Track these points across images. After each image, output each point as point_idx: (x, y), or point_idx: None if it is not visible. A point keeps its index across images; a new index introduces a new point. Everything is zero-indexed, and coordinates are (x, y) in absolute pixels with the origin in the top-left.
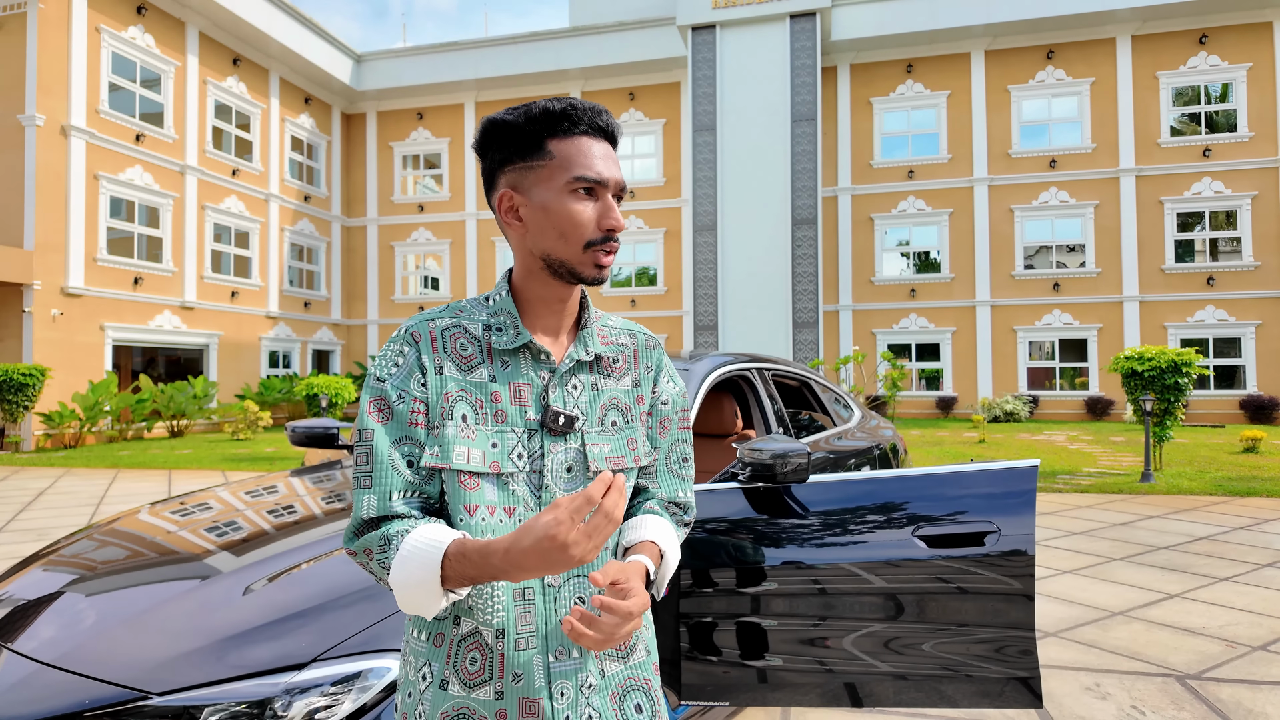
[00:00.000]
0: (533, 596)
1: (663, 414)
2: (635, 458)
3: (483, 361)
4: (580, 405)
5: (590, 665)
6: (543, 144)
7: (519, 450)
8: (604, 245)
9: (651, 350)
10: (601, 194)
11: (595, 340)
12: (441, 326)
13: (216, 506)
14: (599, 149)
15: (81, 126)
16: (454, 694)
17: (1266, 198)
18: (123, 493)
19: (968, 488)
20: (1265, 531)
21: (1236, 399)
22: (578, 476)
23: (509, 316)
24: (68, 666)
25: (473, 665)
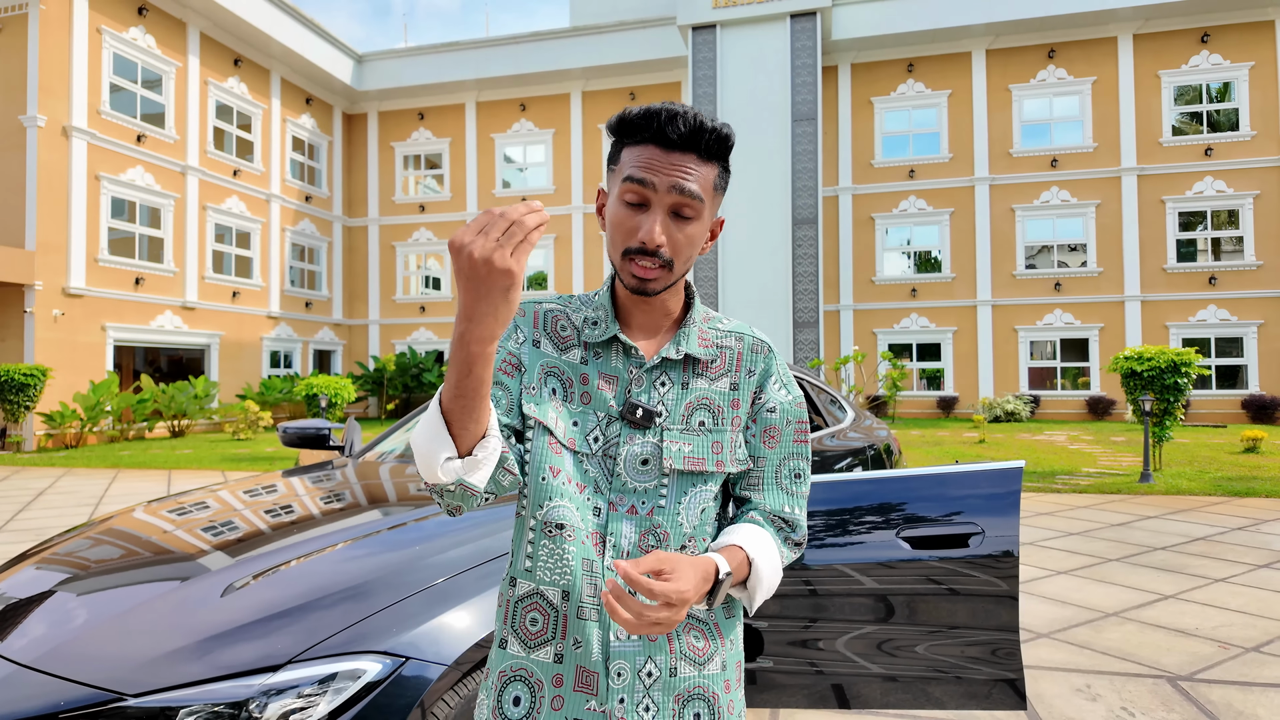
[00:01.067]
0: (599, 571)
1: (768, 422)
2: (718, 462)
3: (578, 346)
4: (666, 402)
5: (657, 656)
6: (620, 149)
7: (596, 433)
8: (638, 257)
9: (756, 354)
10: (653, 204)
11: (692, 340)
12: (545, 310)
13: (213, 505)
14: (660, 158)
15: (83, 127)
16: (513, 654)
17: (1269, 197)
18: (123, 492)
19: (952, 489)
20: (1263, 532)
21: (1238, 399)
22: (653, 471)
23: (604, 312)
24: (44, 668)
25: (533, 625)
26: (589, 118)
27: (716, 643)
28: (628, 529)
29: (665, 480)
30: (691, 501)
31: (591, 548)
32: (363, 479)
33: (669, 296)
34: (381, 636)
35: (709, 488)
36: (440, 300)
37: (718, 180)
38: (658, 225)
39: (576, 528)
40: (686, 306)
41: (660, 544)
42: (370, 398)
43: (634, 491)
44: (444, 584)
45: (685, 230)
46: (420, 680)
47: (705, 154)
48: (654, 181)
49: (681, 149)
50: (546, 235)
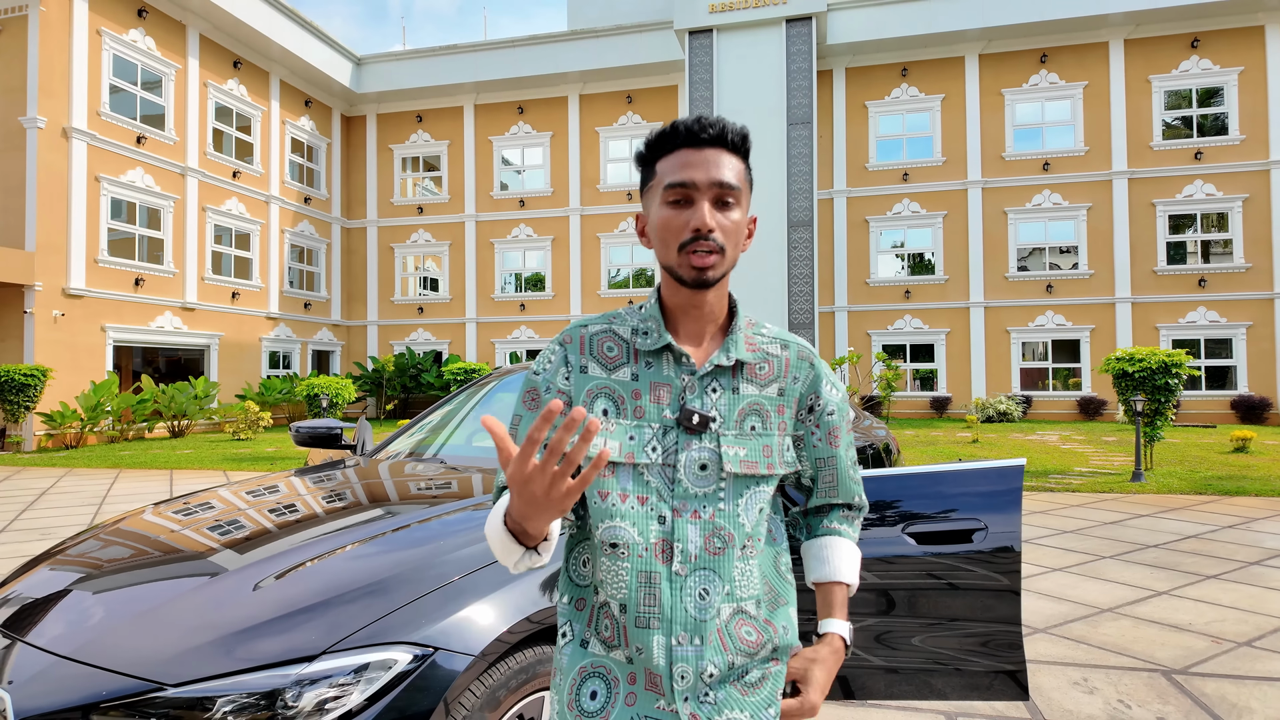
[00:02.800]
0: (659, 581)
1: (831, 424)
2: (769, 465)
3: (627, 362)
4: (719, 408)
5: (716, 657)
6: (653, 165)
7: (654, 444)
8: (694, 245)
9: (803, 361)
10: (696, 198)
11: (740, 347)
12: (592, 332)
13: (219, 506)
14: (695, 157)
15: (83, 129)
16: (594, 652)
17: (1258, 200)
18: (125, 492)
19: (956, 486)
20: (1253, 530)
21: (1228, 399)
22: (711, 475)
23: (654, 322)
24: (84, 659)
25: (606, 632)
26: (586, 121)
27: (769, 632)
28: (693, 533)
29: (723, 484)
30: (749, 502)
31: (653, 558)
32: (378, 478)
33: (717, 301)
34: (410, 628)
35: (764, 489)
36: (438, 301)
37: (746, 174)
38: (706, 211)
39: (632, 543)
40: (730, 315)
41: (725, 545)
42: (369, 398)
43: (695, 496)
44: (462, 580)
45: (729, 217)
46: (449, 670)
47: (732, 149)
48: (694, 177)
49: (712, 145)
50: (543, 237)
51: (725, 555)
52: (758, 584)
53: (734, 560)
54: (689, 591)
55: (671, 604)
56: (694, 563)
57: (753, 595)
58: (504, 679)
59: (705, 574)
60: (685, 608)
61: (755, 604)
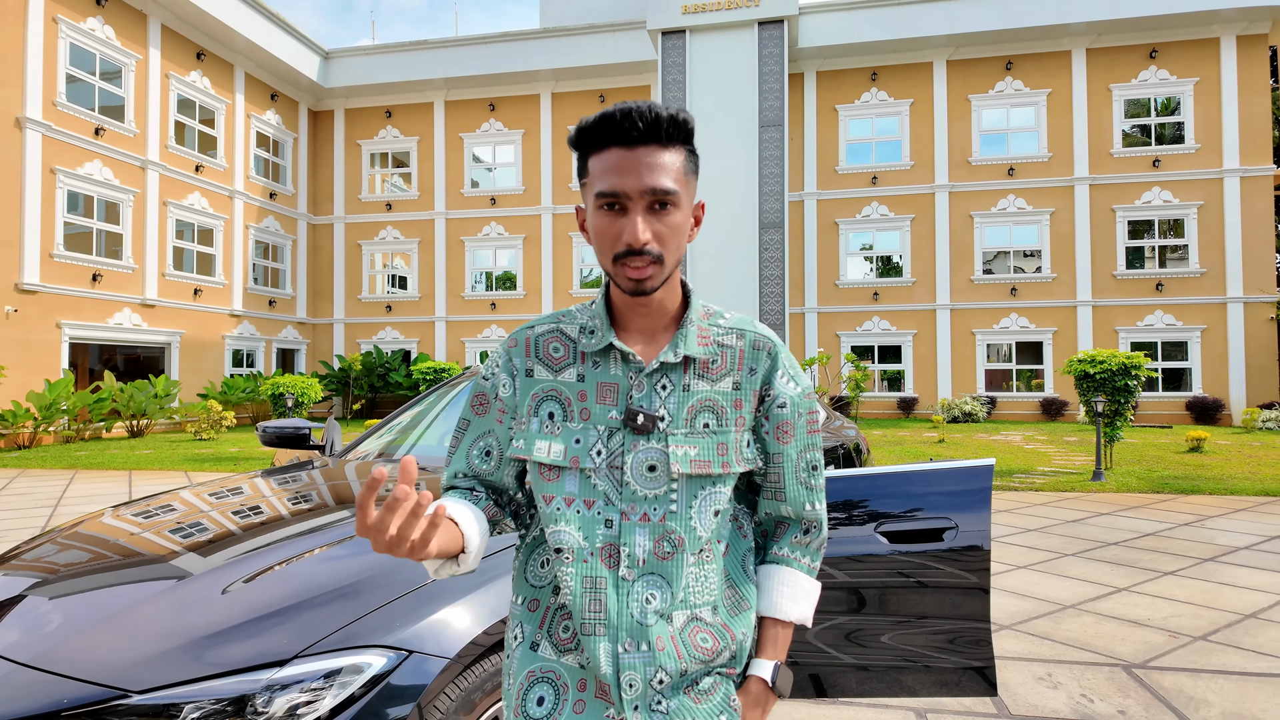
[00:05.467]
0: (605, 586)
1: (781, 418)
2: (724, 463)
3: (574, 362)
4: (668, 406)
5: (668, 664)
6: (586, 160)
7: (599, 447)
8: (627, 259)
9: (759, 351)
10: (630, 207)
11: (691, 341)
12: (538, 333)
13: (183, 508)
14: (627, 160)
15: (37, 119)
16: (544, 656)
17: (1211, 207)
18: (82, 494)
19: (927, 486)
20: (1207, 528)
21: (1183, 400)
22: (661, 477)
23: (600, 320)
24: (44, 666)
25: (565, 633)
26: (559, 119)
27: (726, 639)
28: (641, 538)
29: (674, 485)
30: (703, 505)
31: (599, 563)
32: (347, 479)
33: (666, 296)
34: (384, 631)
35: (720, 489)
36: (406, 300)
37: (687, 164)
38: (639, 225)
39: (577, 548)
40: (684, 305)
41: (675, 550)
42: (335, 397)
43: (644, 499)
44: (435, 582)
45: (667, 221)
46: (423, 673)
47: (668, 141)
48: (625, 186)
49: (644, 142)
50: (515, 236)
51: (675, 560)
52: (716, 589)
53: (686, 565)
54: (635, 597)
55: (617, 610)
56: (641, 568)
57: (709, 601)
58: (479, 682)
59: (653, 579)
60: (631, 613)
61: (712, 610)
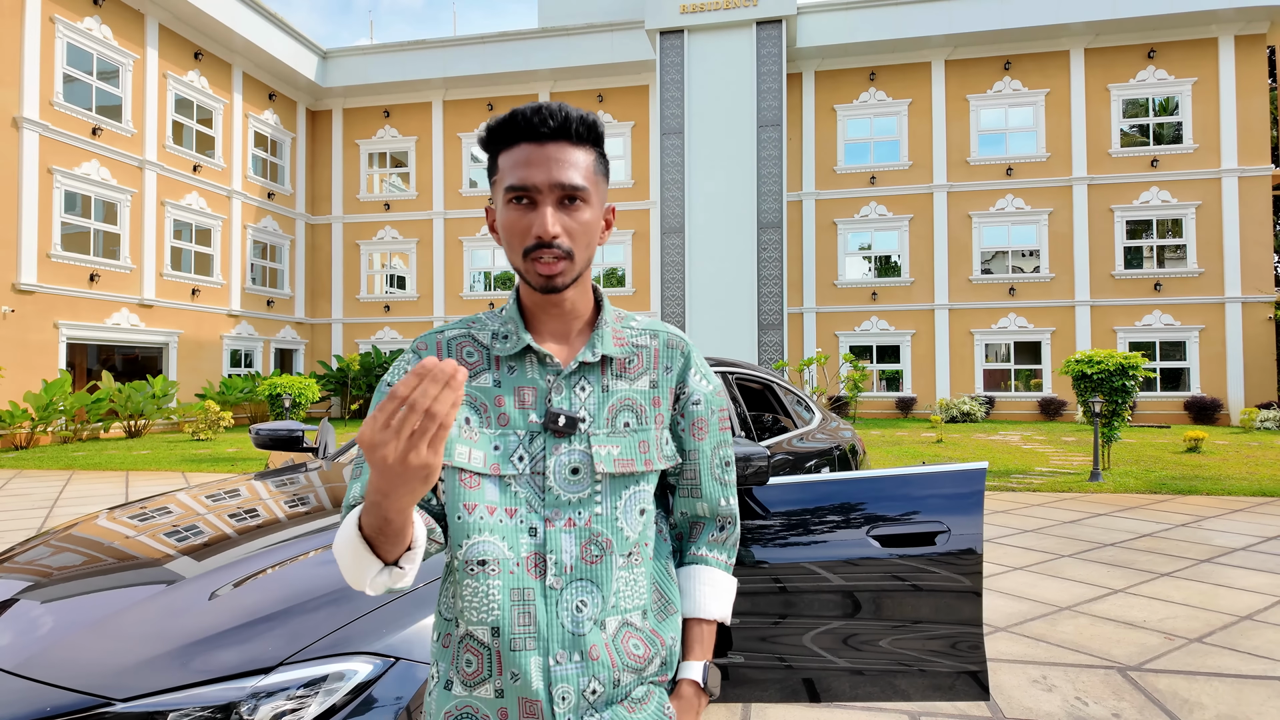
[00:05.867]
0: (533, 597)
1: (695, 414)
2: (647, 461)
3: (488, 368)
4: (587, 407)
5: (601, 673)
6: (496, 158)
7: (520, 452)
8: (537, 253)
9: (673, 350)
10: (539, 201)
11: (607, 341)
12: (449, 337)
13: (177, 511)
14: (536, 154)
15: (34, 119)
16: (456, 694)
17: (1210, 207)
18: (78, 494)
19: (919, 489)
20: (1204, 529)
21: (1181, 400)
22: (585, 478)
23: (514, 324)
24: (27, 674)
25: (469, 666)
26: None
27: (656, 645)
28: (567, 543)
29: (598, 486)
30: (628, 504)
31: (525, 574)
32: (341, 482)
33: (578, 297)
34: (371, 638)
35: (643, 488)
36: (405, 299)
37: (597, 165)
38: (548, 217)
39: (502, 559)
40: (597, 309)
41: (603, 552)
42: (333, 398)
43: (568, 503)
44: (426, 588)
45: (577, 218)
46: (411, 681)
47: (578, 140)
48: (535, 179)
49: (554, 139)
50: None
51: (604, 563)
52: (645, 592)
53: (615, 569)
54: (565, 605)
55: (547, 621)
56: (569, 574)
57: (639, 605)
58: None
59: (582, 585)
60: (561, 623)
61: (642, 615)
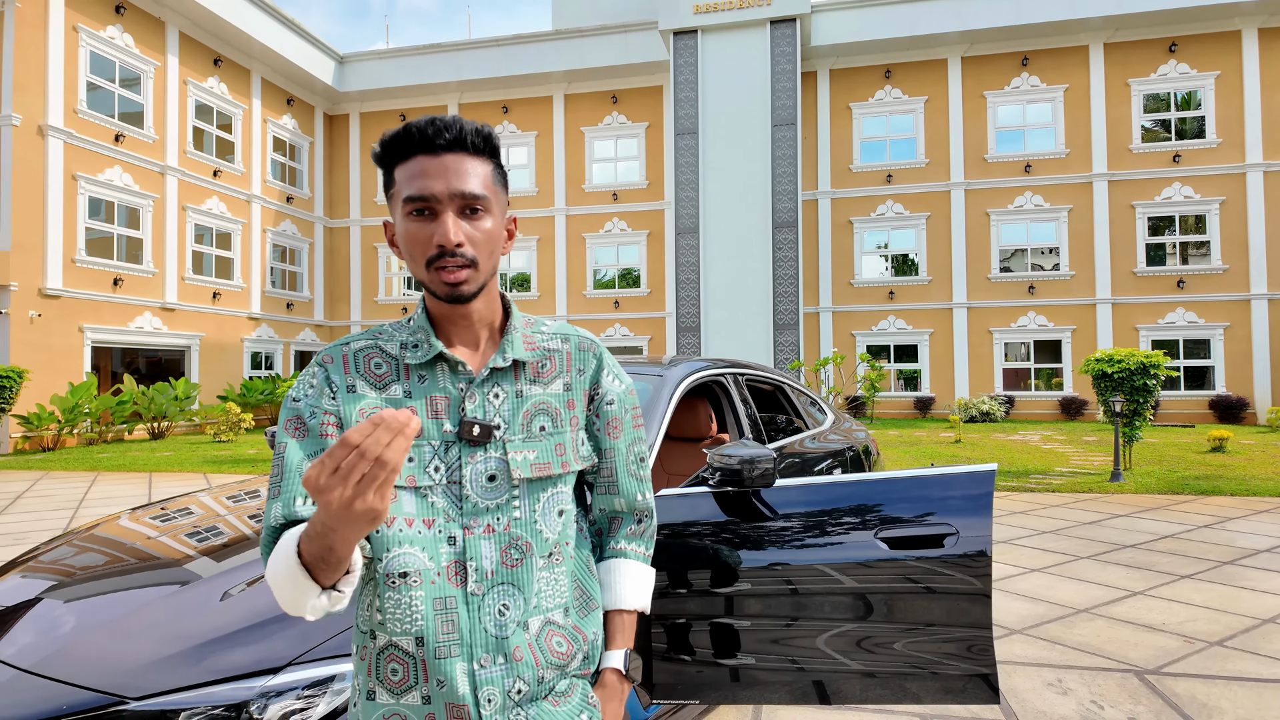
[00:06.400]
0: (455, 605)
1: (609, 414)
2: (564, 463)
3: (397, 379)
4: (502, 413)
5: (525, 672)
6: (392, 172)
7: (435, 463)
8: (441, 261)
9: (585, 352)
10: (439, 210)
11: (518, 347)
12: (355, 349)
13: (198, 512)
14: (432, 165)
15: (59, 126)
16: (382, 702)
17: (1234, 202)
18: (103, 495)
19: (928, 491)
20: (1227, 530)
21: (1206, 399)
22: (502, 485)
23: (424, 333)
24: (44, 672)
25: (395, 675)
26: (572, 121)
27: (579, 641)
28: (487, 549)
29: (515, 491)
30: (547, 507)
31: (446, 583)
32: None
33: (485, 306)
34: None
35: (561, 489)
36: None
37: (495, 175)
38: (449, 225)
39: (423, 569)
40: (505, 316)
41: (523, 555)
42: None
43: (486, 510)
44: None
45: (479, 227)
46: None
47: (474, 151)
48: (433, 189)
49: (450, 150)
50: (529, 237)
51: (525, 566)
52: (567, 590)
53: (536, 570)
54: (487, 610)
55: (470, 627)
56: (490, 579)
57: (560, 604)
58: None
59: (504, 589)
60: (485, 628)
61: (564, 612)
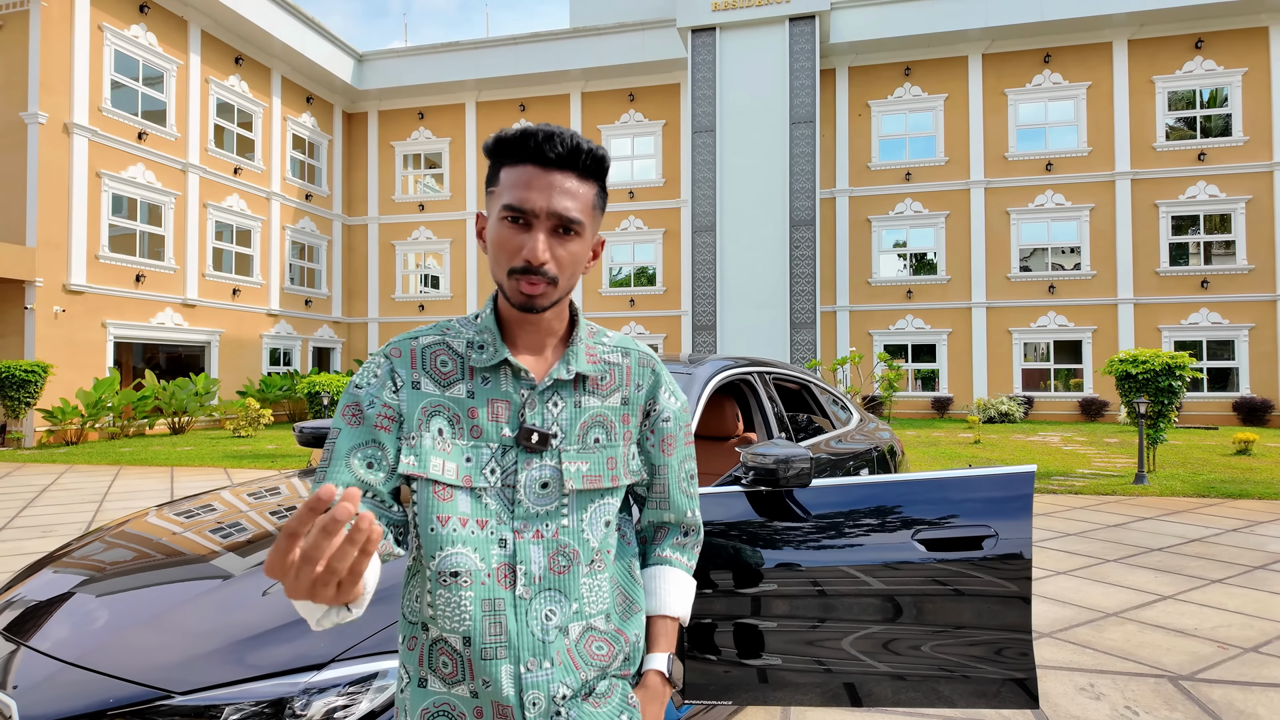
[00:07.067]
0: (503, 608)
1: (665, 431)
2: (614, 477)
3: (462, 378)
4: (560, 422)
5: (568, 677)
6: (498, 170)
7: (492, 465)
8: (525, 276)
9: (644, 368)
10: (534, 225)
11: (580, 359)
12: (423, 344)
13: (223, 508)
14: (540, 179)
15: (84, 124)
16: (434, 690)
17: (1260, 201)
18: (125, 489)
19: (966, 492)
20: (1257, 534)
21: (1230, 401)
22: (553, 493)
23: (490, 335)
24: (90, 665)
25: (445, 668)
26: (589, 119)
27: (620, 643)
28: (535, 554)
29: (566, 500)
30: (594, 517)
31: (496, 584)
32: None
33: (554, 316)
34: None
35: (609, 502)
36: (439, 299)
37: (596, 200)
38: (540, 243)
39: (474, 570)
40: (571, 325)
41: (570, 563)
42: None
43: (537, 516)
44: None
45: (568, 248)
46: None
47: (583, 173)
48: (534, 204)
49: (560, 167)
50: None
51: (571, 573)
52: (608, 597)
53: (580, 577)
54: (534, 615)
55: (517, 630)
56: (538, 584)
57: (602, 610)
58: None
59: (551, 594)
60: (531, 632)
61: (605, 618)
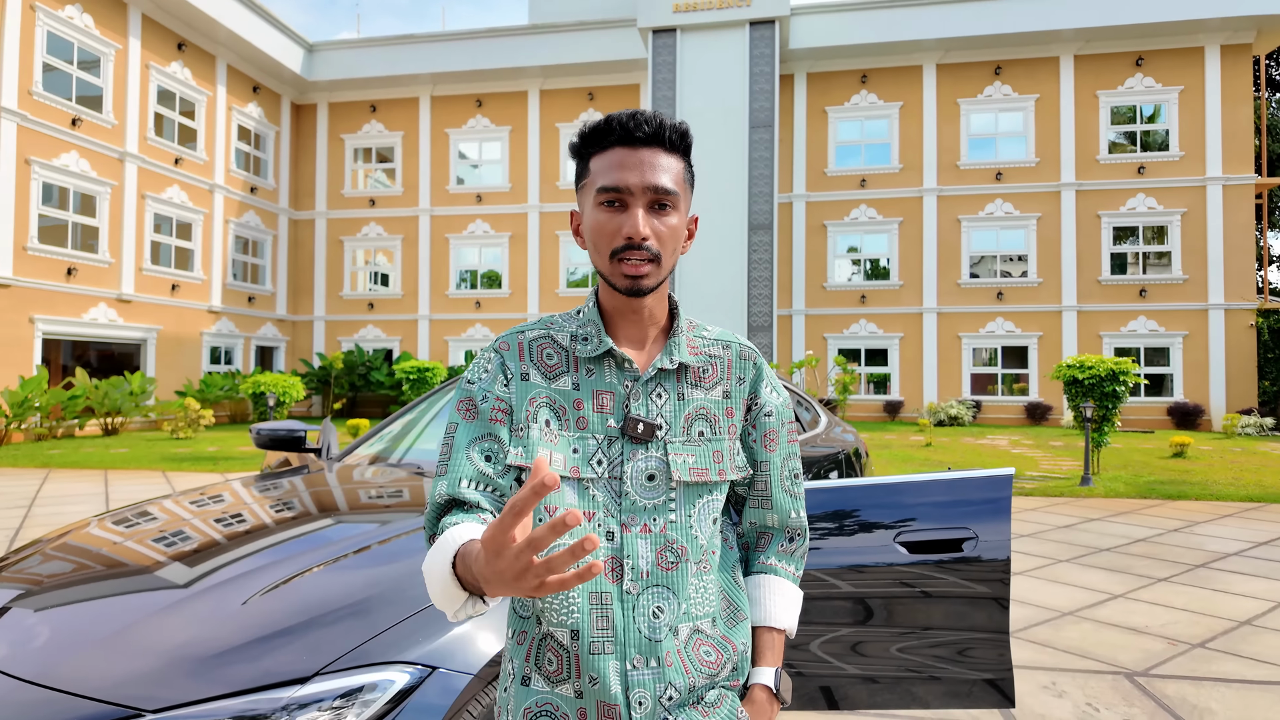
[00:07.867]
0: (610, 601)
1: (767, 426)
2: (720, 471)
3: (567, 370)
4: (664, 414)
5: (676, 679)
6: (587, 162)
7: (599, 456)
8: (626, 254)
9: (745, 361)
10: (630, 203)
11: (683, 350)
12: (530, 338)
13: (166, 517)
14: (630, 157)
15: (12, 108)
16: (537, 689)
17: (1195, 214)
18: (56, 493)
19: (946, 495)
20: (1196, 533)
21: (1165, 406)
22: (660, 486)
23: (594, 326)
24: (49, 683)
25: (551, 665)
26: (547, 116)
27: (728, 651)
28: (643, 548)
29: (673, 494)
30: (701, 513)
31: (603, 578)
32: (351, 484)
33: (656, 304)
34: (408, 646)
35: (716, 497)
36: (389, 297)
37: (686, 174)
38: (640, 218)
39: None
40: (671, 317)
41: (678, 559)
42: (315, 396)
43: (644, 509)
44: None
45: (666, 222)
46: (448, 690)
47: (670, 148)
48: (629, 180)
49: (648, 144)
50: (501, 233)
51: (679, 570)
52: (715, 600)
53: (689, 575)
54: (642, 610)
55: (624, 625)
56: (646, 580)
57: (709, 613)
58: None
59: (659, 591)
60: (638, 628)
61: (712, 622)
